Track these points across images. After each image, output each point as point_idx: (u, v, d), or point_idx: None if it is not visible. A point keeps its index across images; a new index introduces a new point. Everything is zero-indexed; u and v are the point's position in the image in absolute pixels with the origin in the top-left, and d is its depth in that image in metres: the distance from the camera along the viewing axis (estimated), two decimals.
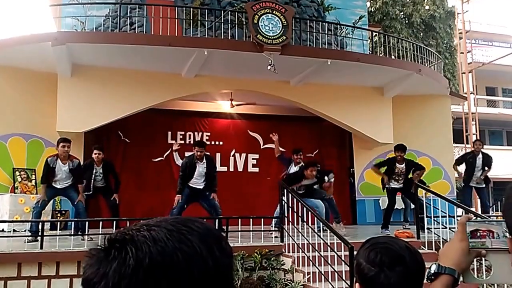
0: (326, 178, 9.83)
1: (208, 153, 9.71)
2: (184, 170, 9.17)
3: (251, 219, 8.38)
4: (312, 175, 9.39)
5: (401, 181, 9.98)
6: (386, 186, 10.09)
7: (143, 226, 0.82)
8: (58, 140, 8.53)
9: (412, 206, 10.03)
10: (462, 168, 11.95)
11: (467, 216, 1.31)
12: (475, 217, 1.32)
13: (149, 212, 11.07)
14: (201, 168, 9.12)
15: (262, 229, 8.30)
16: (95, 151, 9.23)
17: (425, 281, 1.40)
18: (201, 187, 9.15)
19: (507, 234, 1.21)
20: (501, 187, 18.09)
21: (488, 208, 11.92)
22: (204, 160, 9.18)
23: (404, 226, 10.69)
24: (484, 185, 11.60)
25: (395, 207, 10.49)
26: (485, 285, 6.96)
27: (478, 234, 1.27)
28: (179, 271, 0.77)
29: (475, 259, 1.31)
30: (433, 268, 1.27)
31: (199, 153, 9.09)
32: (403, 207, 11.59)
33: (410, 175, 9.99)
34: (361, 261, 1.59)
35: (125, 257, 0.77)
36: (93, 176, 9.13)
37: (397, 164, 9.98)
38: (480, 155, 11.41)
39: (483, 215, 9.04)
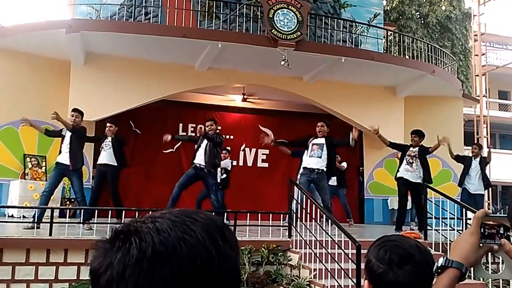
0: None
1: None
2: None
3: (259, 214, 8.38)
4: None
5: (412, 167, 9.69)
6: (397, 176, 9.79)
7: (148, 218, 0.84)
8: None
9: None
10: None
11: (484, 211, 1.29)
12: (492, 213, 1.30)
13: (157, 203, 11.09)
14: (203, 143, 8.91)
15: (270, 224, 8.28)
16: (108, 124, 9.29)
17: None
18: (202, 163, 8.84)
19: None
20: None
21: None
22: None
23: (411, 227, 10.63)
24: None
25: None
26: (490, 283, 6.93)
27: (486, 228, 1.25)
28: (182, 261, 0.78)
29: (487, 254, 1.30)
30: (440, 261, 1.27)
31: (213, 126, 9.02)
32: (410, 207, 11.49)
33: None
34: (371, 258, 1.60)
35: (129, 247, 0.79)
36: (102, 145, 9.21)
37: (411, 148, 9.82)
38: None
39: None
